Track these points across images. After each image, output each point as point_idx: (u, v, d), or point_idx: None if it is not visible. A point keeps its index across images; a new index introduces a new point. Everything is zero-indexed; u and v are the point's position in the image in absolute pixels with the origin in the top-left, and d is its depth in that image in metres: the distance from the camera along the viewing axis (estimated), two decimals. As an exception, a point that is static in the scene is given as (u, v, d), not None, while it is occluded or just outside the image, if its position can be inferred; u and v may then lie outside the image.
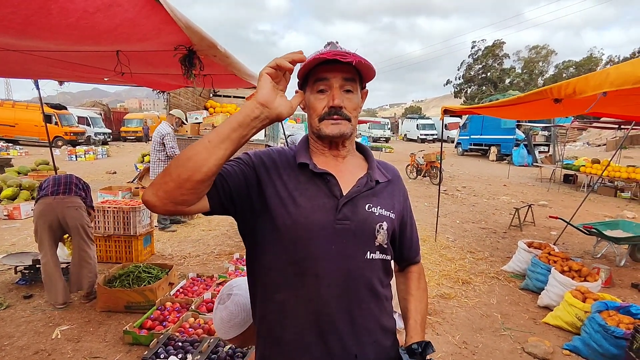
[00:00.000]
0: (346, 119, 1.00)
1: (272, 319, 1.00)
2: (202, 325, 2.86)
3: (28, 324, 3.12)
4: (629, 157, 16.56)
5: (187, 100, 8.70)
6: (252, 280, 1.07)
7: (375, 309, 1.02)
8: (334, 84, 0.98)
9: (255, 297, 1.06)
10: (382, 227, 1.02)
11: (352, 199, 1.00)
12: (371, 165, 1.10)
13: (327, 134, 1.00)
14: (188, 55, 2.05)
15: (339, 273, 0.97)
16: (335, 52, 0.93)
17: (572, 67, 40.45)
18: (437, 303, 3.78)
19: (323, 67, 0.97)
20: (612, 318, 2.88)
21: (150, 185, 0.86)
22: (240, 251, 4.68)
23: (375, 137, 32.49)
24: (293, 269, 0.97)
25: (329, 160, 1.06)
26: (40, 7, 1.11)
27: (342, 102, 0.98)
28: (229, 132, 0.83)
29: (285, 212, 0.97)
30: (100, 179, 10.78)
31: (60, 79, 3.88)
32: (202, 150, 0.82)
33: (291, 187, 0.99)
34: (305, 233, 0.96)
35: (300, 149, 1.07)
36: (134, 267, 3.66)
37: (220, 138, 0.83)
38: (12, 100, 22.06)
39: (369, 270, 1.01)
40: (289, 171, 1.02)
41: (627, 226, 5.31)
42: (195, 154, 0.82)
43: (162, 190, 0.83)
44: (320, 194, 1.00)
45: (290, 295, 0.98)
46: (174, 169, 0.83)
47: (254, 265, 1.05)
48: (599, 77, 2.98)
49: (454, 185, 11.37)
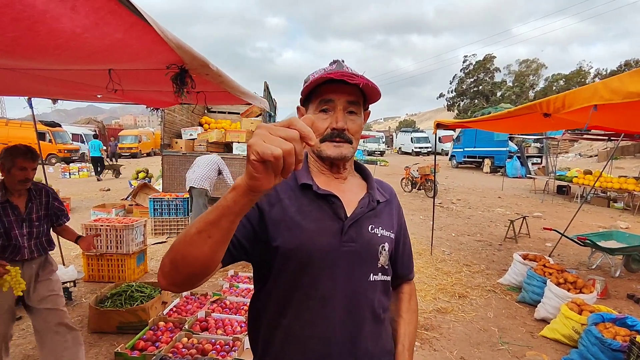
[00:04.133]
0: (348, 141, 0.99)
1: (277, 344, 0.97)
2: (195, 345, 2.80)
3: (17, 347, 3.04)
4: (620, 168, 16.75)
5: (181, 116, 8.74)
6: (258, 305, 1.04)
7: (376, 332, 1.01)
8: (338, 105, 0.97)
9: (260, 321, 1.02)
10: (385, 248, 1.02)
11: (356, 221, 0.99)
12: (371, 185, 1.10)
13: (328, 156, 1.00)
14: (180, 73, 2.06)
15: (344, 296, 0.96)
16: (342, 72, 0.92)
17: (562, 79, 41.20)
18: (434, 318, 3.74)
19: (328, 86, 0.96)
20: (609, 330, 2.86)
21: (162, 274, 0.80)
22: (235, 268, 4.62)
23: (370, 151, 32.65)
24: (298, 293, 0.96)
25: (330, 181, 1.05)
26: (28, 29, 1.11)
27: (345, 124, 0.97)
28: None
29: (290, 236, 0.95)
30: (94, 197, 10.69)
31: (53, 96, 3.87)
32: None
33: (294, 210, 0.97)
34: (312, 256, 0.94)
35: (300, 169, 1.05)
36: (126, 286, 3.60)
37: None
38: (6, 118, 22.01)
39: (372, 292, 1.00)
40: (290, 193, 1.00)
41: (621, 237, 5.33)
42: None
43: (179, 282, 0.79)
44: (325, 216, 0.98)
45: (295, 320, 0.96)
46: (183, 267, 0.76)
47: (260, 290, 1.03)
48: (587, 91, 3.04)
49: (448, 198, 11.40)
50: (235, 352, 2.68)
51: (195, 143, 8.20)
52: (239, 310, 3.38)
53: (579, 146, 27.18)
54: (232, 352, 2.69)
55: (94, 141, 15.43)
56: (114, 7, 1.13)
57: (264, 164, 0.59)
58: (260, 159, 0.58)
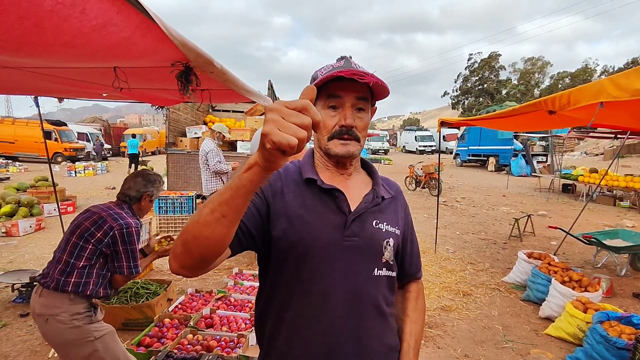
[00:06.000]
0: (356, 139, 0.99)
1: (282, 339, 0.98)
2: (200, 342, 2.82)
3: (24, 343, 3.08)
4: (627, 166, 16.61)
5: (186, 115, 8.77)
6: (263, 299, 1.05)
7: (380, 328, 1.01)
8: (346, 102, 0.97)
9: (266, 316, 1.03)
10: (389, 243, 1.02)
11: (360, 215, 1.00)
12: (376, 181, 1.10)
13: (336, 153, 0.99)
14: (185, 71, 2.07)
15: (346, 291, 0.96)
16: (352, 71, 0.91)
17: (567, 77, 40.92)
18: (438, 316, 3.74)
19: (337, 83, 0.95)
20: (614, 329, 2.85)
21: (173, 256, 0.82)
22: (240, 265, 4.65)
23: (374, 149, 32.62)
24: (299, 287, 0.96)
25: (335, 176, 1.05)
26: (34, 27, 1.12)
27: (353, 122, 0.97)
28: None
29: (292, 229, 0.95)
30: (99, 195, 10.77)
31: (59, 95, 3.91)
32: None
33: (298, 204, 0.98)
34: (313, 250, 0.95)
35: (305, 164, 1.05)
36: (132, 283, 3.63)
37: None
38: (13, 117, 22.19)
39: (375, 288, 1.00)
40: (294, 187, 1.01)
41: (627, 235, 5.29)
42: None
43: (189, 265, 0.81)
44: (328, 210, 0.98)
45: (298, 315, 0.96)
46: (195, 249, 0.77)
47: (265, 284, 1.04)
48: (592, 87, 3.03)
49: (453, 196, 11.37)
50: (240, 348, 2.70)
51: (200, 141, 8.22)
52: (243, 308, 3.40)
53: (584, 144, 27.00)
54: (237, 349, 2.70)
55: (132, 140, 16.82)
56: (121, 7, 1.14)
57: (280, 150, 0.61)
58: (276, 148, 0.60)
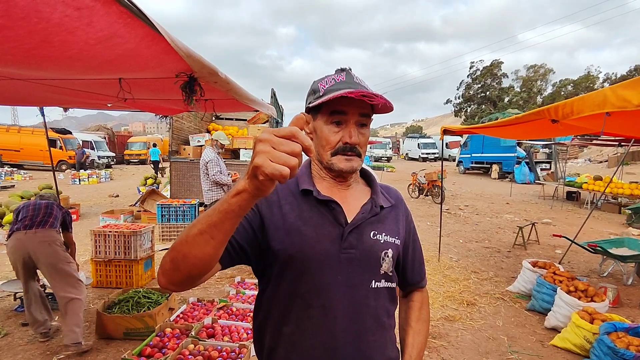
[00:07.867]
0: (358, 155, 0.99)
1: (281, 353, 0.97)
2: (202, 352, 2.80)
3: (25, 352, 3.07)
4: (632, 173, 16.52)
5: (189, 123, 8.82)
6: (261, 312, 1.04)
7: (381, 340, 1.00)
8: (351, 119, 0.96)
9: (264, 330, 1.02)
10: (388, 254, 1.01)
11: (357, 227, 0.98)
12: (375, 190, 1.08)
13: (340, 169, 0.99)
14: (189, 82, 2.09)
15: (345, 304, 0.95)
16: (362, 92, 0.90)
17: (570, 85, 40.91)
18: (442, 326, 3.70)
19: (342, 98, 0.93)
20: (622, 340, 2.80)
21: (162, 272, 0.82)
22: (242, 274, 4.63)
23: (377, 157, 32.63)
24: (298, 301, 0.95)
25: (333, 187, 1.04)
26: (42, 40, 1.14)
27: (357, 139, 0.97)
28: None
29: (290, 242, 0.94)
30: (103, 203, 10.80)
31: (64, 105, 3.95)
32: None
33: (294, 216, 0.97)
34: (310, 263, 0.94)
35: (302, 174, 1.04)
36: (133, 292, 3.62)
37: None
38: (19, 126, 22.44)
39: (374, 300, 0.99)
40: (290, 199, 1.00)
41: (633, 244, 5.23)
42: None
43: (177, 281, 0.81)
44: (325, 222, 0.97)
45: (297, 329, 0.95)
46: (183, 267, 0.78)
47: (262, 298, 1.03)
48: (596, 97, 3.02)
49: (456, 204, 11.32)
50: (241, 359, 2.68)
51: (203, 150, 8.26)
52: (245, 317, 3.38)
53: (588, 152, 26.89)
54: (239, 359, 2.68)
55: (154, 149, 19.49)
56: (127, 20, 1.15)
57: (271, 180, 0.61)
58: (269, 179, 0.61)
